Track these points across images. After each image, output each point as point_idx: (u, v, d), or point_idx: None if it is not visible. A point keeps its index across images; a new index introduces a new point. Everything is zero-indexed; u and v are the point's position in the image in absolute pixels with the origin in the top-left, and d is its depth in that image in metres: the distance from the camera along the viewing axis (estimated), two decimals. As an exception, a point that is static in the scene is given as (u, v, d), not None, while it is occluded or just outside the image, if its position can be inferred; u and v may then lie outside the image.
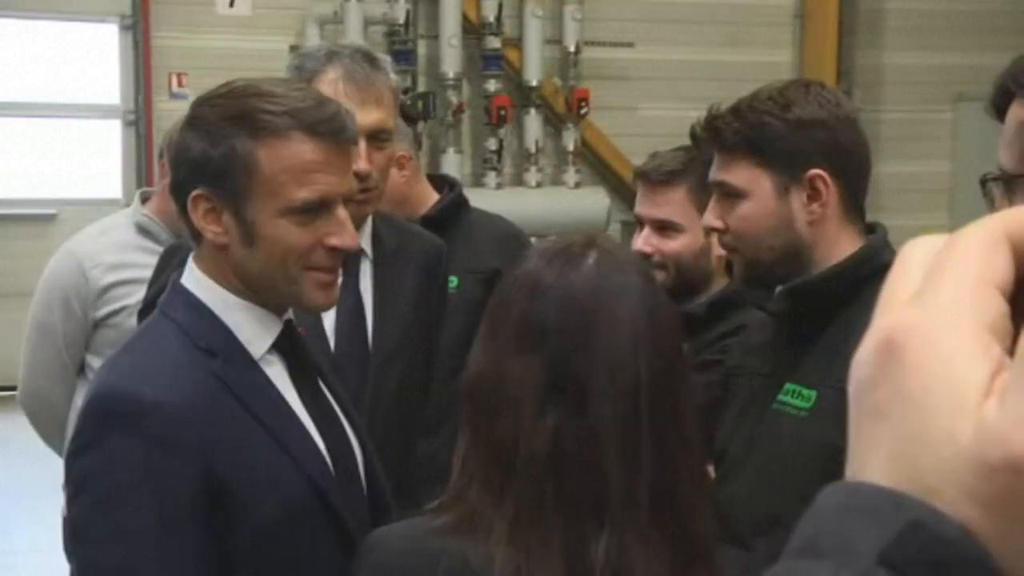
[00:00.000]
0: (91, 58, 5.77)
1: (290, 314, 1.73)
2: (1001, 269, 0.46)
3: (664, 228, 2.50)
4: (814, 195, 1.96)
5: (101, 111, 6.20)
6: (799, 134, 1.95)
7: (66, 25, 5.74)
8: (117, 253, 2.97)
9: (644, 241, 2.52)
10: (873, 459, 0.46)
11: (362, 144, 2.18)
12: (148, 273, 2.97)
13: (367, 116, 2.19)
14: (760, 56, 6.43)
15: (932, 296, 0.46)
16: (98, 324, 2.94)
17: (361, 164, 2.18)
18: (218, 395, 1.59)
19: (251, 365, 1.65)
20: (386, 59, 2.32)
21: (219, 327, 1.64)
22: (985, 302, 0.45)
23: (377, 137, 2.22)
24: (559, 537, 1.35)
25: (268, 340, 1.67)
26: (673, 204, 2.42)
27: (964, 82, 6.72)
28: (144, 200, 3.06)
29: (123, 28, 5.74)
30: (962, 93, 6.77)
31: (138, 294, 2.92)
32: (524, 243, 3.13)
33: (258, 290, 1.65)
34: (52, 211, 6.16)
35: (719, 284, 2.45)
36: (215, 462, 1.57)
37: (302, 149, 1.60)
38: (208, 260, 1.65)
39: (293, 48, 5.61)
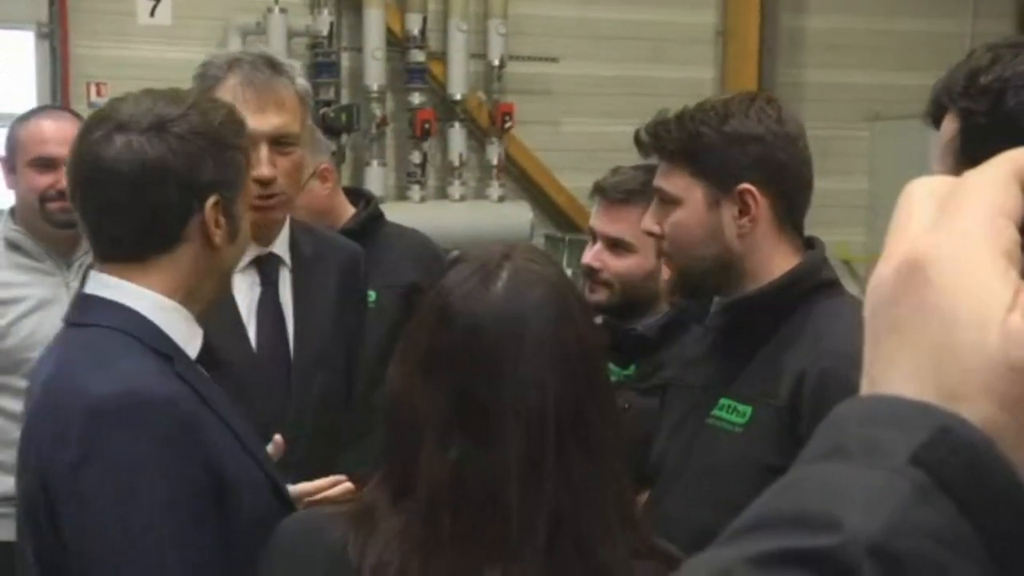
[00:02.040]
0: (6, 66, 5.65)
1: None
2: (1013, 202, 0.49)
3: (616, 246, 2.51)
4: (744, 209, 1.97)
5: (17, 120, 6.07)
6: (733, 147, 1.95)
7: (-19, 32, 5.62)
8: None
9: (594, 256, 2.53)
10: (893, 371, 0.48)
11: (264, 150, 2.17)
12: (23, 292, 2.89)
13: (266, 121, 2.18)
14: (683, 73, 6.49)
15: (952, 222, 0.49)
16: None
17: (263, 170, 2.17)
18: (190, 394, 1.65)
19: (197, 368, 1.71)
20: (293, 65, 2.31)
21: (160, 332, 1.69)
22: (1001, 230, 0.48)
23: (280, 142, 2.20)
24: (447, 569, 1.34)
25: (197, 344, 1.73)
26: (627, 223, 2.43)
27: (880, 101, 6.84)
28: (14, 216, 2.98)
29: (40, 36, 5.63)
30: (879, 112, 6.88)
31: (11, 314, 2.85)
32: (440, 256, 3.13)
33: (219, 283, 1.78)
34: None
35: (664, 308, 2.46)
36: (210, 455, 1.65)
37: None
38: (173, 268, 1.71)
39: (215, 59, 5.55)
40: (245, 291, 2.25)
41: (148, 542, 1.56)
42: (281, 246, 2.30)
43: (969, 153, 1.44)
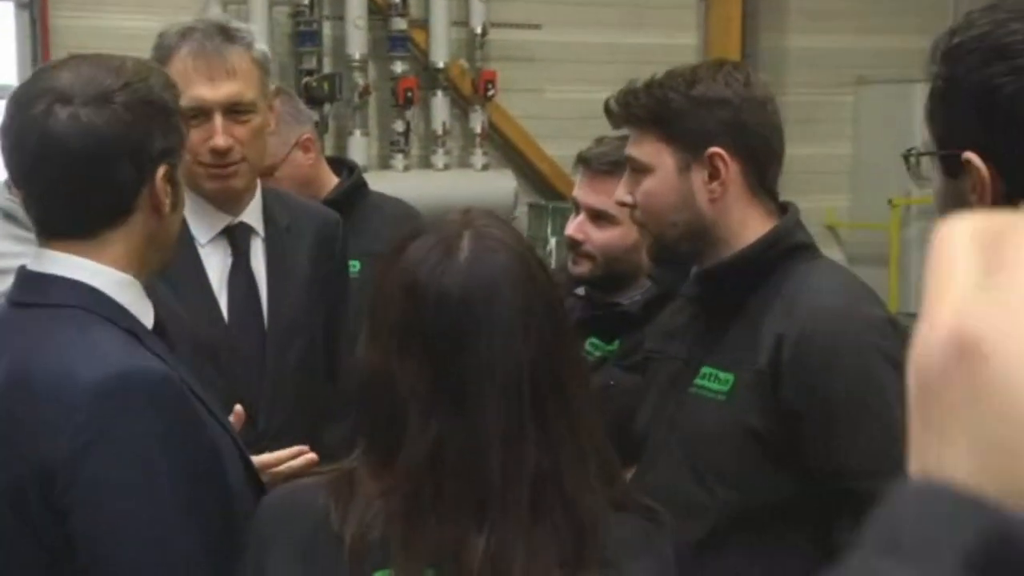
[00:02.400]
0: (-15, 37, 5.60)
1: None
2: None
3: (599, 217, 2.49)
4: (714, 173, 1.97)
5: (-4, 92, 6.03)
6: (701, 111, 1.95)
7: (-42, 3, 5.57)
8: None
9: (577, 228, 2.52)
10: (951, 455, 0.45)
11: (217, 119, 2.15)
12: (18, 262, 2.84)
13: (218, 90, 2.16)
14: (666, 38, 6.47)
15: (1003, 286, 0.45)
16: None
17: (218, 140, 2.15)
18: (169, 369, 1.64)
19: (160, 343, 1.69)
20: (248, 30, 2.28)
21: (121, 309, 1.67)
22: None
23: (235, 110, 2.18)
24: (429, 539, 1.35)
25: (151, 318, 1.71)
26: (611, 195, 2.42)
27: (865, 65, 6.82)
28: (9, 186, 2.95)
29: (19, 6, 5.58)
30: (863, 76, 6.87)
31: (4, 284, 2.82)
32: (423, 225, 3.10)
33: (164, 253, 1.73)
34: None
35: (645, 282, 2.46)
36: (204, 430, 1.62)
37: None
38: (126, 241, 1.68)
39: (195, 28, 5.49)
40: (217, 262, 2.23)
41: (169, 519, 1.54)
42: (252, 215, 2.28)
43: (930, 120, 1.45)
